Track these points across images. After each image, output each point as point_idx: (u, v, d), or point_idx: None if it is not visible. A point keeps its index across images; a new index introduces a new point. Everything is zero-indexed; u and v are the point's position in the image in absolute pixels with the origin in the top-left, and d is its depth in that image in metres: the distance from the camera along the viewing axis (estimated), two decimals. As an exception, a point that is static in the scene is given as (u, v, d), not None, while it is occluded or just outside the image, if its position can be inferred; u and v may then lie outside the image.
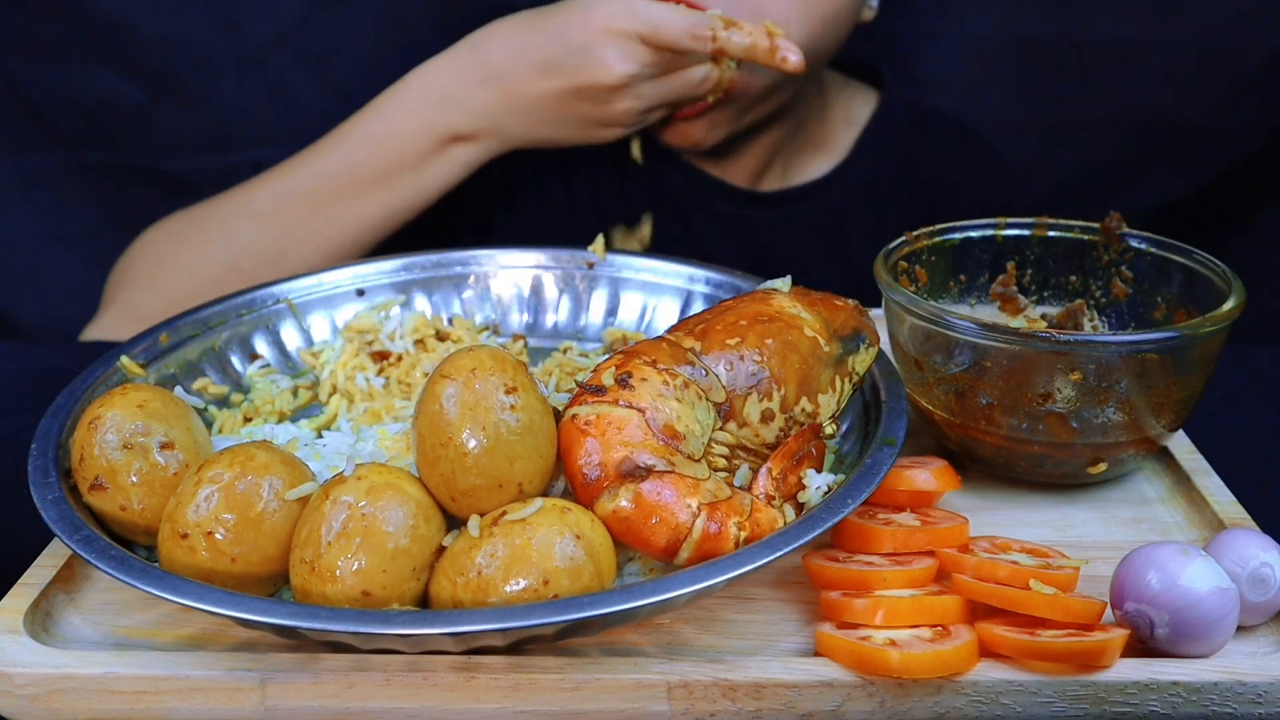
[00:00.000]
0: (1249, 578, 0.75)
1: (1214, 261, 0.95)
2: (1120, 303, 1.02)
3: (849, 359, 0.85)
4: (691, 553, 0.73)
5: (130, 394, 0.80)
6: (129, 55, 1.63)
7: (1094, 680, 0.71)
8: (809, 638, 0.76)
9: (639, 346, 0.80)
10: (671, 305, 1.11)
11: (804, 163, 1.45)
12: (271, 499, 0.73)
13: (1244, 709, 0.72)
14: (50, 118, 1.66)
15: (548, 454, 0.75)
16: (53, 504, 0.76)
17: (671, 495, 0.73)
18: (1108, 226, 1.01)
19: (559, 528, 0.70)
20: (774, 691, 0.71)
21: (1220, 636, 0.73)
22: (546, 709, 0.71)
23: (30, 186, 1.69)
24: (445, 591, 0.70)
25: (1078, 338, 0.86)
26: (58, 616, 0.78)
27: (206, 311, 1.01)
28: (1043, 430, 0.88)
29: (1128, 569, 0.75)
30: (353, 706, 0.71)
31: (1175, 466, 0.95)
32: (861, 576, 0.77)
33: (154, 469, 0.77)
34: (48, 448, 0.82)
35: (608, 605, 0.67)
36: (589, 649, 0.74)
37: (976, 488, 0.93)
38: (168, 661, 0.72)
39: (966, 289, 1.05)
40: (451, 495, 0.73)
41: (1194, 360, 0.88)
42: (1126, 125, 1.68)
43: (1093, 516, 0.90)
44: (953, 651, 0.70)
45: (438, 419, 0.73)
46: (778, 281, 0.89)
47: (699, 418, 0.78)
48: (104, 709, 0.72)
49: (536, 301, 1.13)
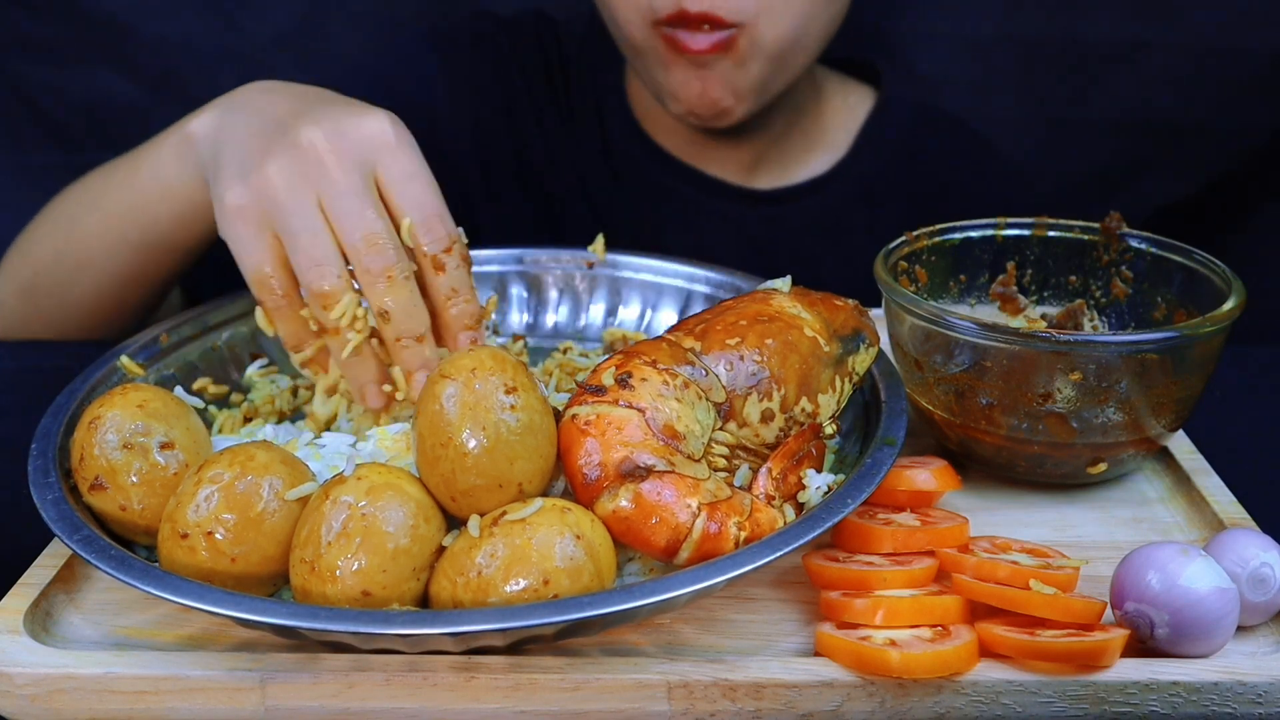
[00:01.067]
0: (1249, 578, 0.75)
1: (1214, 261, 0.95)
2: (1120, 303, 1.02)
3: (849, 359, 0.85)
4: (691, 553, 0.73)
5: (130, 394, 0.80)
6: (129, 55, 1.63)
7: (1094, 680, 0.71)
8: (809, 638, 0.76)
9: (639, 346, 0.80)
10: (671, 305, 1.11)
11: (801, 160, 1.43)
12: (271, 499, 0.73)
13: (1244, 709, 0.72)
14: (50, 118, 1.66)
15: (548, 454, 0.75)
16: (53, 504, 0.76)
17: (671, 495, 0.73)
18: (1108, 226, 1.01)
19: (559, 528, 0.70)
20: (774, 691, 0.71)
21: (1220, 636, 0.73)
22: (546, 709, 0.71)
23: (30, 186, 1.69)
24: (445, 591, 0.70)
25: (1078, 338, 0.86)
26: (58, 616, 0.78)
27: (207, 311, 1.01)
28: (1043, 430, 0.88)
29: (1128, 569, 0.75)
30: (353, 706, 0.71)
31: (1175, 466, 0.95)
32: (861, 576, 0.77)
33: (154, 469, 0.77)
34: (48, 448, 0.82)
35: (608, 605, 0.67)
36: (589, 649, 0.74)
37: (976, 488, 0.93)
38: (168, 661, 0.72)
39: (966, 289, 1.05)
40: (451, 495, 0.73)
41: (1194, 360, 0.88)
42: (1126, 125, 1.68)
43: (1093, 516, 0.90)
44: (953, 651, 0.70)
45: (438, 419, 0.73)
46: (778, 281, 0.89)
47: (699, 418, 0.78)
48: (104, 709, 0.72)
49: (536, 301, 1.13)
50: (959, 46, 1.66)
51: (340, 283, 0.84)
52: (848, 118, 1.45)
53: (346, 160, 0.85)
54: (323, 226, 0.84)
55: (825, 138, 1.44)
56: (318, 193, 0.84)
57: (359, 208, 0.84)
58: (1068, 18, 1.64)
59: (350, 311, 0.85)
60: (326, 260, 0.84)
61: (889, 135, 1.44)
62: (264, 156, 0.86)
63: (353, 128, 0.87)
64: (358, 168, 0.86)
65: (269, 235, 0.86)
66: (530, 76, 1.44)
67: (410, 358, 0.87)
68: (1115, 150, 1.70)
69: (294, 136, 0.86)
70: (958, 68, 1.66)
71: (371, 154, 0.87)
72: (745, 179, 1.42)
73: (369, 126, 0.87)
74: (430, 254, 0.86)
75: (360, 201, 0.84)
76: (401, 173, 0.87)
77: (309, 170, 0.85)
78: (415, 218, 0.86)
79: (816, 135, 1.44)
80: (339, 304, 0.85)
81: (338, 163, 0.85)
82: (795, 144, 1.43)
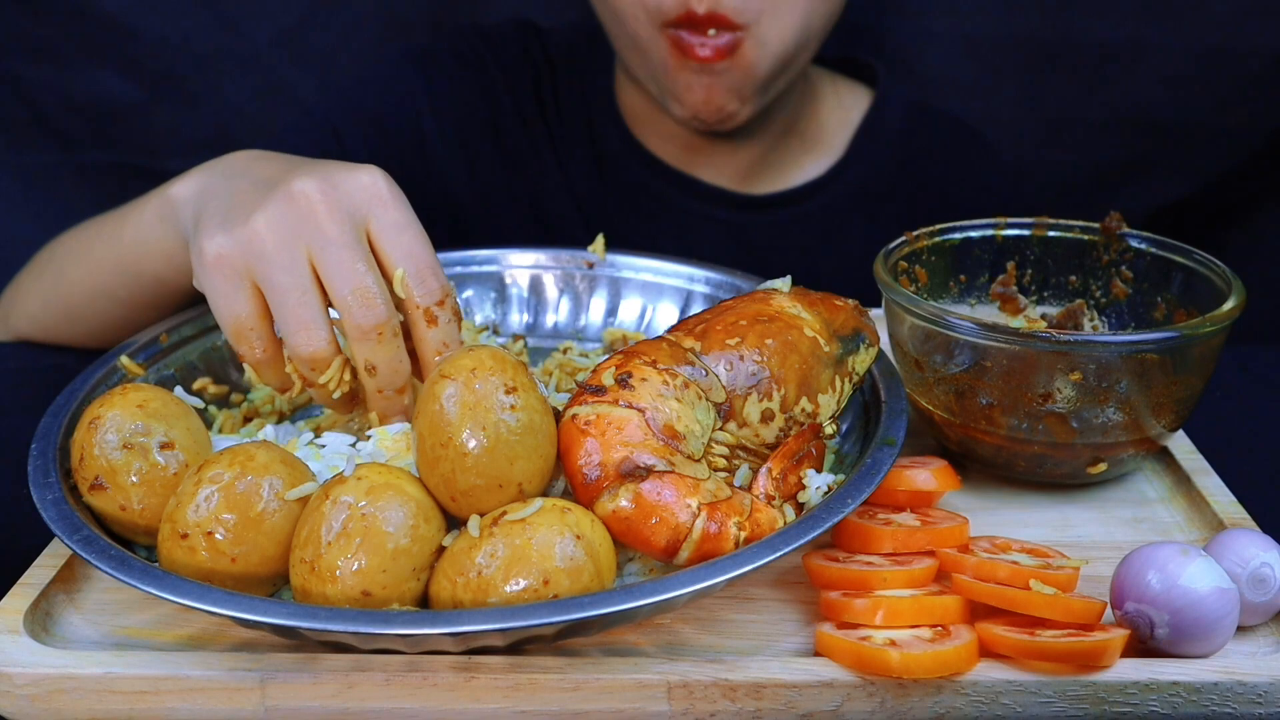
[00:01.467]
0: (1249, 578, 0.75)
1: (1214, 261, 0.95)
2: (1120, 303, 1.02)
3: (849, 359, 0.85)
4: (691, 553, 0.73)
5: (130, 394, 0.80)
6: (129, 55, 1.63)
7: (1094, 680, 0.71)
8: (809, 638, 0.76)
9: (639, 346, 0.80)
10: (671, 305, 1.11)
11: (797, 164, 1.42)
12: (271, 499, 0.73)
13: (1244, 709, 0.72)
14: (50, 118, 1.67)
15: (548, 454, 0.75)
16: (53, 504, 0.76)
17: (671, 495, 0.73)
18: (1108, 226, 1.01)
19: (559, 528, 0.70)
20: (774, 691, 0.71)
21: (1220, 636, 0.73)
22: (546, 709, 0.71)
23: (30, 186, 1.70)
24: (445, 591, 0.70)
25: (1078, 338, 0.86)
26: (58, 616, 0.78)
27: (207, 311, 1.01)
28: (1043, 430, 0.88)
29: (1128, 569, 0.75)
30: (352, 706, 0.71)
31: (1175, 466, 0.95)
32: (861, 576, 0.77)
33: (154, 469, 0.77)
34: (48, 448, 0.82)
35: (608, 605, 0.67)
36: (589, 649, 0.74)
37: (976, 488, 0.93)
38: (168, 661, 0.72)
39: (966, 289, 1.05)
40: (451, 495, 0.73)
41: (1194, 360, 0.88)
42: (1126, 125, 1.68)
43: (1093, 516, 0.90)
44: (953, 651, 0.70)
45: (438, 419, 0.73)
46: (778, 281, 0.89)
47: (699, 418, 0.78)
48: (104, 709, 0.72)
49: (536, 301, 1.13)
50: (959, 46, 1.66)
51: (330, 348, 0.83)
52: (843, 118, 1.44)
53: (338, 212, 0.83)
54: (312, 285, 0.82)
55: (821, 140, 1.43)
56: (307, 246, 0.82)
57: (350, 260, 0.82)
58: (1068, 18, 1.64)
59: (338, 375, 0.84)
60: (315, 323, 0.82)
61: (885, 135, 1.43)
62: (251, 209, 0.84)
63: (344, 180, 0.85)
64: (349, 219, 0.84)
65: (249, 285, 0.84)
66: (517, 88, 1.43)
67: (389, 407, 0.86)
68: (1115, 150, 1.70)
69: (285, 188, 0.84)
70: (958, 68, 1.66)
71: (363, 206, 0.85)
72: (741, 185, 1.41)
73: (360, 179, 0.85)
74: (422, 306, 0.85)
75: (352, 254, 0.82)
76: (393, 224, 0.85)
77: (300, 223, 0.82)
78: (408, 269, 0.84)
79: (812, 138, 1.43)
80: (329, 369, 0.84)
81: (329, 214, 0.83)
82: (791, 148, 1.42)
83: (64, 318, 1.15)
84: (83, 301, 1.11)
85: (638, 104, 1.39)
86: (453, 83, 1.41)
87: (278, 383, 0.88)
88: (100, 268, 1.07)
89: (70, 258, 1.14)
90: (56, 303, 1.15)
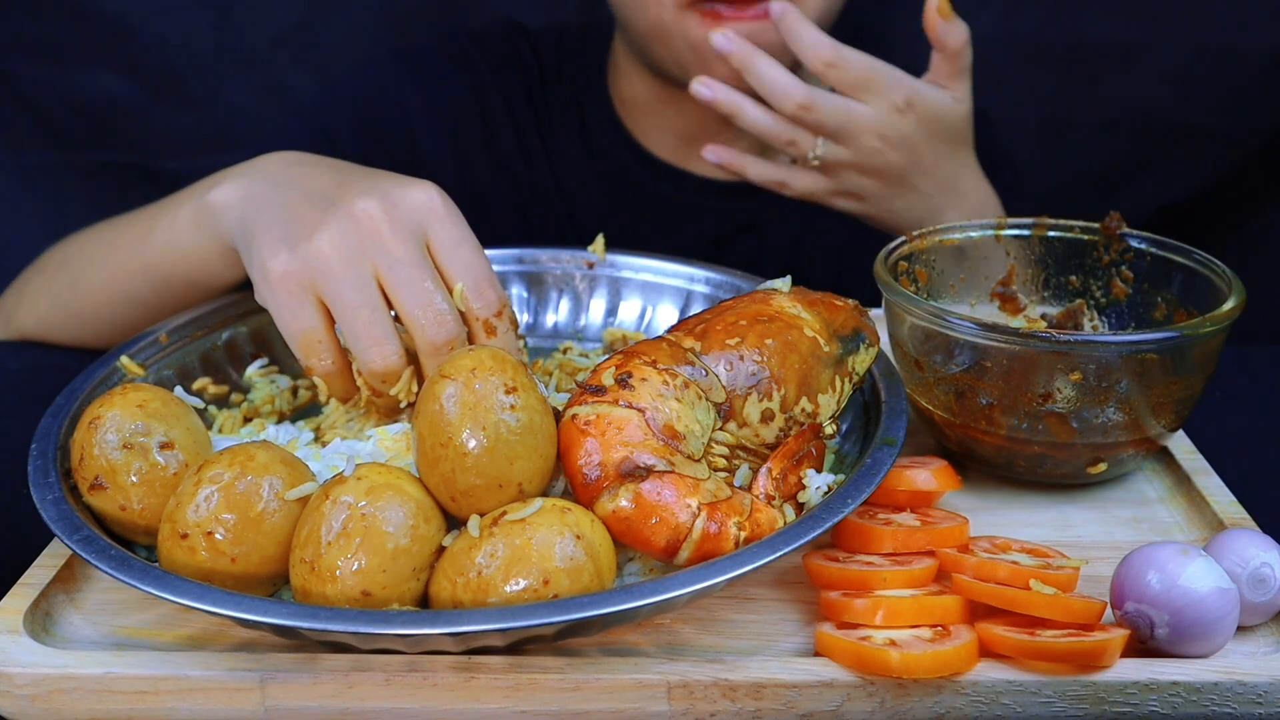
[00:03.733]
0: (1249, 578, 0.75)
1: (1214, 261, 0.95)
2: (1120, 303, 1.02)
3: (849, 359, 0.85)
4: (691, 553, 0.73)
5: (130, 394, 0.80)
6: (129, 55, 1.63)
7: (1094, 680, 0.71)
8: (809, 638, 0.76)
9: (639, 346, 0.80)
10: (671, 305, 1.11)
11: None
12: (271, 499, 0.73)
13: (1244, 709, 0.72)
14: (50, 118, 1.67)
15: (548, 454, 0.75)
16: (53, 504, 0.76)
17: (671, 495, 0.73)
18: (1108, 226, 1.01)
19: (559, 528, 0.70)
20: (774, 691, 0.71)
21: (1220, 636, 0.73)
22: (546, 709, 0.71)
23: (30, 186, 1.70)
24: (445, 591, 0.70)
25: (1078, 338, 0.86)
26: (58, 616, 0.78)
27: (206, 311, 1.01)
28: (1043, 430, 0.88)
29: (1128, 569, 0.75)
30: (352, 706, 0.71)
31: (1175, 466, 0.95)
32: (861, 576, 0.77)
33: (154, 469, 0.77)
34: (48, 448, 0.82)
35: (608, 605, 0.67)
36: (589, 649, 0.74)
37: (976, 488, 0.93)
38: (168, 661, 0.72)
39: (966, 289, 1.05)
40: (451, 495, 0.73)
41: (1194, 360, 0.88)
42: (1126, 125, 1.68)
43: (1093, 516, 0.90)
44: (953, 651, 0.70)
45: (438, 419, 0.73)
46: (777, 281, 0.89)
47: (699, 418, 0.78)
48: (104, 709, 0.72)
49: (536, 301, 1.13)
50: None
51: (402, 361, 0.85)
52: None
53: (402, 230, 0.86)
54: (380, 301, 0.85)
55: None
56: (374, 264, 0.85)
57: (419, 279, 0.85)
58: (1068, 18, 1.64)
59: (407, 386, 0.86)
60: (388, 338, 0.85)
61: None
62: (314, 227, 0.86)
63: (402, 198, 0.87)
64: (413, 237, 0.86)
65: (314, 300, 0.86)
66: (507, 88, 1.43)
67: None
68: (1115, 150, 1.70)
69: (348, 207, 0.86)
70: (958, 68, 1.66)
71: (423, 223, 0.87)
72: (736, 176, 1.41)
73: (417, 196, 0.88)
74: (482, 318, 0.88)
75: (420, 272, 0.85)
76: (450, 239, 0.87)
77: (365, 241, 0.85)
78: (466, 283, 0.87)
79: None
80: (400, 381, 0.86)
81: (394, 233, 0.85)
82: None
83: (76, 319, 1.14)
84: (101, 303, 1.11)
85: (639, 97, 1.39)
86: (443, 83, 1.42)
87: (344, 393, 0.90)
88: (125, 271, 1.07)
89: (88, 260, 1.14)
90: (71, 304, 1.14)
